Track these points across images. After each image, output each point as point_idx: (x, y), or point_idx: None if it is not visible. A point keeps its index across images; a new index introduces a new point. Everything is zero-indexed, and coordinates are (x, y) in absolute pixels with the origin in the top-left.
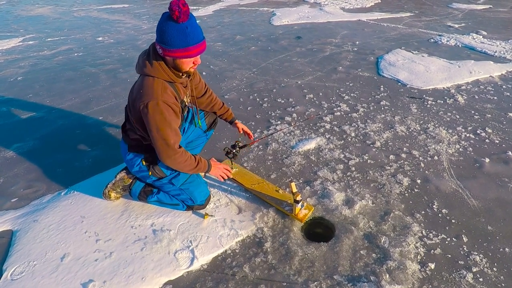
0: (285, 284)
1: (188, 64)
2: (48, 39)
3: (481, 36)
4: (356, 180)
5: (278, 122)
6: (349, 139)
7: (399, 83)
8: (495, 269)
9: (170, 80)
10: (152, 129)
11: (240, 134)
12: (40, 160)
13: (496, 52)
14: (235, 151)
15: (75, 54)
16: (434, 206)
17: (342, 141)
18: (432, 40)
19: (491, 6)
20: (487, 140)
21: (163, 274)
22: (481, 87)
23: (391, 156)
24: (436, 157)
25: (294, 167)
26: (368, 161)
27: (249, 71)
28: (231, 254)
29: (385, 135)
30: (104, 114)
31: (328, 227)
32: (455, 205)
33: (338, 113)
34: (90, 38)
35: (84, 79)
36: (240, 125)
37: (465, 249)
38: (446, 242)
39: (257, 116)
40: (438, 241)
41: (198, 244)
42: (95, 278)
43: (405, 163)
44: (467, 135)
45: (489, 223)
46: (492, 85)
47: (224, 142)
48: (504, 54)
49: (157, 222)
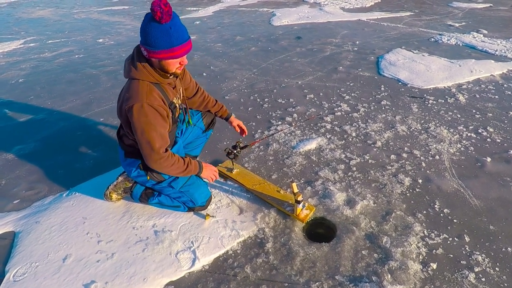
0: (287, 285)
1: (175, 65)
2: (49, 41)
3: (482, 35)
4: (357, 180)
5: (279, 123)
6: (350, 139)
7: (400, 83)
8: (498, 269)
9: (156, 82)
10: (137, 132)
11: (239, 133)
12: (42, 162)
13: (497, 51)
14: (236, 152)
15: (76, 56)
16: (436, 206)
17: (343, 141)
18: (433, 39)
19: (492, 5)
20: (489, 139)
21: (165, 275)
22: (482, 86)
23: (392, 156)
24: (438, 157)
25: (295, 168)
26: (369, 161)
27: (250, 72)
28: (233, 255)
29: (386, 135)
30: (105, 116)
31: (330, 227)
32: (457, 205)
33: (339, 113)
34: (91, 40)
35: (85, 81)
36: (235, 122)
37: (467, 249)
38: (448, 242)
39: (258, 117)
40: (440, 241)
41: (200, 245)
42: (97, 279)
43: (406, 163)
44: (469, 134)
45: (491, 223)
46: (493, 84)
47: (225, 143)
48: (505, 53)
49: (159, 223)
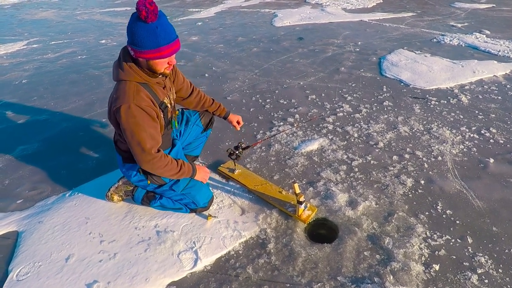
0: (289, 285)
1: (163, 65)
2: (52, 43)
3: (485, 36)
4: (360, 181)
5: (281, 123)
6: (352, 140)
7: (402, 83)
8: (501, 271)
9: (144, 81)
10: (127, 134)
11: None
12: (45, 162)
13: (500, 52)
14: (238, 152)
15: (79, 57)
16: (438, 207)
17: (345, 142)
18: (435, 40)
19: (494, 5)
20: (492, 140)
21: (167, 275)
22: (485, 87)
23: (395, 157)
24: (440, 158)
25: (297, 168)
26: (371, 162)
27: (251, 73)
28: (235, 255)
29: (388, 136)
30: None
31: (332, 228)
32: (460, 206)
33: (341, 114)
34: (93, 41)
35: (88, 82)
36: (234, 118)
37: (470, 250)
38: (451, 243)
39: (260, 117)
40: (443, 242)
41: (202, 245)
42: (100, 279)
43: (409, 164)
44: (471, 135)
45: (494, 224)
46: (496, 85)
47: (227, 143)
48: (508, 54)
49: (161, 223)
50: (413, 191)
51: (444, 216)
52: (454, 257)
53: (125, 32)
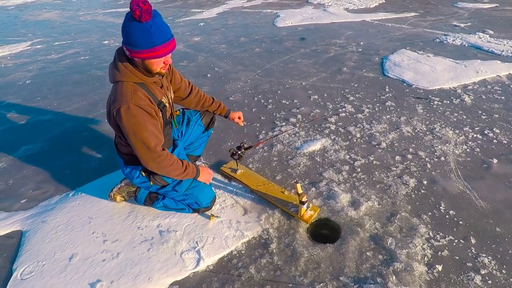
0: (291, 285)
1: (158, 65)
2: (56, 43)
3: (488, 35)
4: (362, 181)
5: (283, 124)
6: (355, 140)
7: (405, 84)
8: (504, 271)
9: (140, 81)
10: (129, 134)
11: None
12: (48, 162)
13: (503, 51)
14: (241, 153)
15: (82, 58)
16: (441, 207)
17: (348, 142)
18: (438, 40)
19: (498, 5)
20: (495, 141)
21: (170, 275)
22: (488, 87)
23: (397, 157)
24: (443, 158)
25: (299, 168)
26: (374, 162)
27: (254, 73)
28: (237, 255)
29: (391, 136)
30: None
31: (334, 228)
32: (463, 206)
33: (343, 114)
34: (96, 42)
35: (91, 82)
36: (235, 115)
37: (473, 251)
38: (454, 244)
39: (262, 118)
40: (446, 243)
41: (204, 245)
42: (103, 278)
43: (411, 164)
44: (474, 136)
45: (498, 225)
46: (500, 85)
47: (230, 144)
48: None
49: (164, 223)
50: (416, 192)
51: (447, 217)
52: (457, 258)
53: None
